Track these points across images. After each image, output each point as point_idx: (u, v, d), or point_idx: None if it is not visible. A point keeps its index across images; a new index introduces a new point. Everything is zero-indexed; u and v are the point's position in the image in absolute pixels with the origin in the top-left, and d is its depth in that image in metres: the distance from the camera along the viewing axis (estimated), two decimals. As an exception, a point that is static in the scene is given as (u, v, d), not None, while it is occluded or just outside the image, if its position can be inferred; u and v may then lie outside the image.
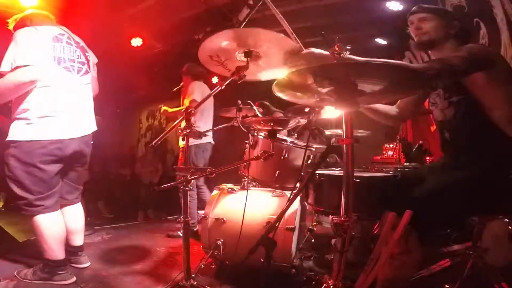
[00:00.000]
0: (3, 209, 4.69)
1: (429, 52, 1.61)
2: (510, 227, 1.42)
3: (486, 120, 1.36)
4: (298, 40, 1.57)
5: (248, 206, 1.87)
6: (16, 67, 1.73)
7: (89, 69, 2.10)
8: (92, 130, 2.09)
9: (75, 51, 2.01)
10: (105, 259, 2.36)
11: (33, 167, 1.80)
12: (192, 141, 2.86)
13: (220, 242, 1.94)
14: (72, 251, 2.11)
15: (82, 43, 2.12)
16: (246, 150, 2.20)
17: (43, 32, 1.86)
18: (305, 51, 1.47)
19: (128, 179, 5.03)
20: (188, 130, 1.61)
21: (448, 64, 1.28)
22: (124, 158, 5.44)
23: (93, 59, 2.18)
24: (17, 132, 1.79)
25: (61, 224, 1.93)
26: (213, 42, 1.56)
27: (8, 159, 1.81)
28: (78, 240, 2.13)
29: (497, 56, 1.47)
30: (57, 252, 1.87)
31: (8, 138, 1.80)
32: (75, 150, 1.95)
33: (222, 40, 1.55)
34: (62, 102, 1.87)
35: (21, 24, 1.92)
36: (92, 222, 3.33)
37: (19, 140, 1.78)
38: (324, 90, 1.18)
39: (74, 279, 1.91)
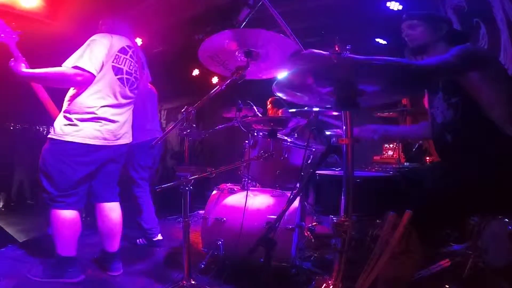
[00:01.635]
0: (3, 209, 4.69)
1: (424, 56, 1.63)
2: (510, 227, 1.43)
3: (486, 120, 1.36)
4: (297, 40, 1.57)
5: (248, 206, 1.87)
6: (76, 67, 1.80)
7: (139, 86, 2.17)
8: (128, 141, 2.13)
9: (135, 66, 2.10)
10: (105, 259, 2.35)
11: (65, 165, 1.87)
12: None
13: (220, 242, 1.94)
14: (105, 257, 2.09)
15: (143, 60, 2.21)
16: (246, 150, 2.20)
17: (115, 40, 1.96)
18: (305, 51, 1.47)
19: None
20: (188, 130, 1.61)
21: (444, 61, 1.29)
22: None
23: (147, 77, 2.29)
24: (58, 131, 1.86)
25: (77, 222, 1.95)
26: (213, 42, 1.56)
27: (44, 154, 1.89)
28: (111, 245, 2.07)
29: (490, 56, 1.48)
30: (68, 248, 1.90)
31: (49, 135, 1.88)
32: (111, 157, 2.02)
33: (222, 40, 1.55)
34: (107, 111, 1.93)
35: (104, 28, 2.07)
36: (92, 222, 3.32)
37: (58, 139, 1.85)
38: (324, 90, 1.19)
39: (82, 277, 1.92)
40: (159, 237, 2.71)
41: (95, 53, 1.84)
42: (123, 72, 2.00)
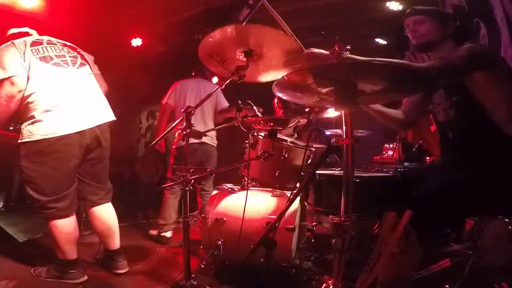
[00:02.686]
0: (3, 209, 4.69)
1: (429, 53, 1.61)
2: (510, 227, 1.42)
3: (487, 119, 1.36)
4: (297, 40, 1.57)
5: (248, 206, 1.87)
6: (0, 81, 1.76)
7: (86, 62, 2.07)
8: (104, 120, 2.00)
9: (62, 48, 2.02)
10: (105, 259, 2.35)
11: (45, 166, 1.81)
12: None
13: (220, 242, 1.94)
14: (108, 255, 2.09)
15: (68, 43, 2.11)
16: (246, 150, 2.19)
17: (20, 43, 1.88)
18: (305, 51, 1.47)
19: (128, 179, 5.02)
20: (188, 130, 1.61)
21: (449, 63, 1.28)
22: (123, 158, 5.44)
23: (88, 56, 2.16)
24: (25, 133, 1.81)
25: (74, 227, 1.92)
26: (214, 39, 1.56)
27: (20, 161, 1.83)
28: (111, 243, 2.07)
29: (497, 56, 1.47)
30: (68, 253, 1.88)
31: (18, 141, 1.83)
32: (87, 144, 1.91)
33: (222, 37, 1.55)
34: (61, 96, 1.85)
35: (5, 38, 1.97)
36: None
37: (28, 141, 1.79)
38: (324, 90, 1.18)
39: (85, 277, 1.92)
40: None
41: (5, 59, 1.79)
42: (53, 57, 1.92)
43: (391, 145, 3.85)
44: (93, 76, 2.08)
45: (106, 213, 2.09)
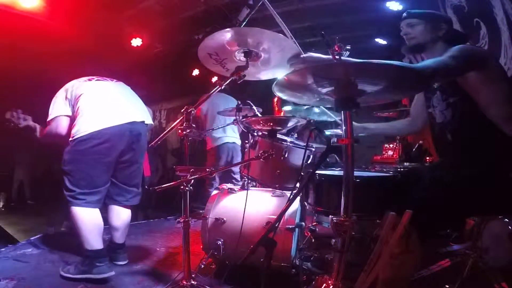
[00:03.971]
0: (3, 209, 4.69)
1: (422, 55, 1.63)
2: (510, 227, 1.42)
3: (485, 119, 1.37)
4: (296, 42, 1.58)
5: (248, 206, 1.87)
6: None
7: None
8: (145, 120, 2.18)
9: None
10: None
11: (82, 163, 1.98)
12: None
13: (220, 242, 1.94)
14: (112, 247, 2.21)
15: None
16: (246, 150, 2.19)
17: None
18: (304, 55, 1.47)
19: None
20: (188, 130, 1.60)
21: (443, 63, 1.29)
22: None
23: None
24: (74, 131, 2.00)
25: (97, 218, 2.01)
26: (213, 40, 1.56)
27: (64, 155, 2.01)
28: (118, 237, 2.22)
29: (488, 56, 1.48)
30: (93, 242, 1.95)
31: (69, 139, 2.02)
32: (126, 143, 2.07)
33: (222, 39, 1.55)
34: (101, 98, 2.08)
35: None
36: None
37: (74, 138, 1.97)
38: (324, 90, 1.18)
39: (112, 272, 1.95)
40: None
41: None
42: (96, 78, 2.21)
43: (391, 145, 3.85)
44: (128, 87, 2.32)
45: (124, 214, 2.25)
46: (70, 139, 2.00)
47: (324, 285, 1.21)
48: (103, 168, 2.05)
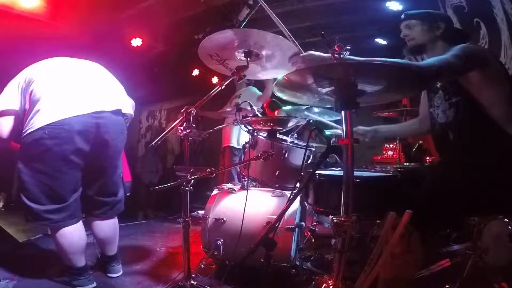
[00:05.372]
0: (3, 209, 4.69)
1: (423, 55, 1.63)
2: (510, 227, 1.42)
3: (487, 119, 1.36)
4: (295, 42, 1.58)
5: (248, 206, 1.87)
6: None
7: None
8: (107, 108, 1.70)
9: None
10: (105, 259, 2.34)
11: (40, 173, 1.62)
12: None
13: (220, 242, 1.94)
14: (104, 260, 2.03)
15: None
16: (246, 150, 2.19)
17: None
18: (304, 54, 1.47)
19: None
20: (188, 130, 1.60)
21: (446, 62, 1.29)
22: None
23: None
24: (24, 128, 1.63)
25: (79, 235, 1.78)
26: (213, 41, 1.56)
27: (17, 164, 1.66)
28: (108, 249, 2.00)
29: (490, 55, 1.48)
30: (74, 261, 1.77)
31: (22, 135, 1.65)
32: (79, 140, 1.62)
33: (222, 39, 1.55)
34: (57, 81, 1.66)
35: None
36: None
37: (22, 137, 1.62)
38: (324, 90, 1.18)
39: (94, 284, 1.82)
40: None
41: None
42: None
43: (391, 145, 3.84)
44: (101, 67, 1.86)
45: (106, 227, 1.94)
46: (24, 132, 1.61)
47: (324, 285, 1.21)
48: (66, 177, 1.65)
